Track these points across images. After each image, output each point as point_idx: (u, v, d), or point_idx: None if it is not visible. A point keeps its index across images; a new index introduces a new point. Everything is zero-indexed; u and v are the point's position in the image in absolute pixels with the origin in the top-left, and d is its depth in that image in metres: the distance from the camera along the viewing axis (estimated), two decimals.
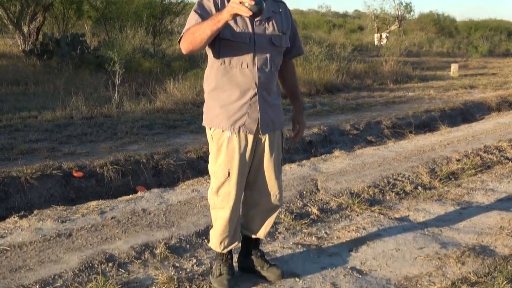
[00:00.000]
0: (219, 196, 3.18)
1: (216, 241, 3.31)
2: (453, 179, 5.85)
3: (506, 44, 31.95)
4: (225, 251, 3.33)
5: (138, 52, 13.80)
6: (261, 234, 3.42)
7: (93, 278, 3.39)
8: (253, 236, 3.43)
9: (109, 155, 6.22)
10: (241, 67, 3.02)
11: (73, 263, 3.61)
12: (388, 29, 32.52)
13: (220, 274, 3.30)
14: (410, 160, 6.50)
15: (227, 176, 3.12)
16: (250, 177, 3.25)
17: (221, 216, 3.22)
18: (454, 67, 18.34)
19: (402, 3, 33.48)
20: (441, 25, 37.50)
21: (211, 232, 3.35)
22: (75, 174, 5.64)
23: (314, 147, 7.75)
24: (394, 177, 5.75)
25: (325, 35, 27.37)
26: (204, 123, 3.20)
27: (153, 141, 7.28)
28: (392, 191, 5.30)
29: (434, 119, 9.93)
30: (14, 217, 4.58)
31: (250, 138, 3.11)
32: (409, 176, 5.82)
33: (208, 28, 2.76)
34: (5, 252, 3.80)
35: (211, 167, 3.20)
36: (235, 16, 2.69)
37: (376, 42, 29.50)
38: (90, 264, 3.60)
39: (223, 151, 3.10)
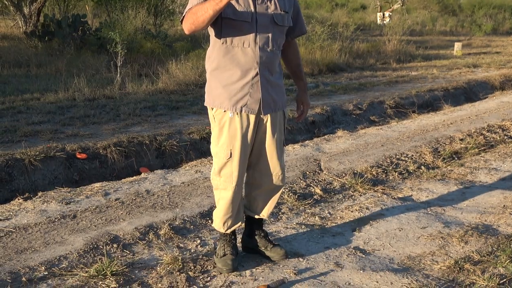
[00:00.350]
0: (222, 177, 3.18)
1: (219, 222, 3.32)
2: (456, 158, 5.85)
3: (510, 22, 31.73)
4: (228, 231, 3.35)
5: (139, 33, 13.75)
6: (264, 214, 3.43)
7: (98, 259, 3.42)
8: (256, 217, 3.44)
9: (112, 137, 6.23)
10: (242, 47, 3.01)
11: (78, 245, 3.63)
12: (391, 7, 32.29)
13: (224, 255, 3.32)
14: (413, 140, 6.49)
15: (229, 156, 3.12)
16: (252, 157, 3.25)
17: (224, 197, 3.23)
18: (457, 45, 18.25)
19: None
20: (445, 3, 37.19)
21: (214, 212, 3.36)
22: (78, 156, 5.65)
23: (317, 127, 7.74)
24: (397, 157, 5.75)
25: (328, 14, 27.21)
26: (206, 103, 3.20)
27: (156, 122, 7.29)
28: (395, 171, 5.31)
29: (437, 98, 9.91)
30: (18, 199, 4.60)
31: (252, 118, 3.10)
32: (412, 155, 5.82)
33: (210, 8, 2.74)
34: (10, 233, 3.83)
35: (213, 147, 3.20)
36: None
37: (379, 21, 29.31)
38: (95, 245, 3.62)
39: (225, 132, 3.10)
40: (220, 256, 3.33)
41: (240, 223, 3.37)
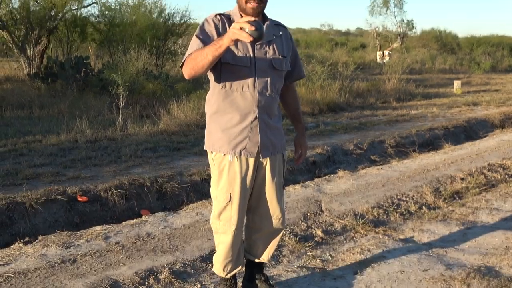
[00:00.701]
0: (221, 220, 3.18)
1: (219, 266, 3.31)
2: (457, 198, 5.85)
3: (508, 59, 31.99)
4: (228, 275, 3.33)
5: (141, 74, 13.89)
6: (264, 258, 3.42)
7: None
8: (257, 260, 3.43)
9: (113, 179, 6.24)
10: (241, 91, 3.04)
11: None
12: (390, 46, 32.64)
13: None
14: (414, 180, 6.50)
15: (228, 200, 3.13)
16: (252, 201, 3.26)
17: (224, 241, 3.22)
18: (457, 84, 18.37)
19: (404, 21, 33.58)
20: (443, 42, 37.61)
21: (214, 257, 3.35)
22: (79, 199, 5.66)
23: (317, 167, 7.75)
24: (398, 197, 5.75)
25: (328, 53, 27.49)
26: (205, 147, 3.22)
27: (157, 163, 7.30)
28: (396, 212, 5.30)
29: (437, 137, 9.94)
30: (18, 243, 4.59)
31: (251, 162, 3.12)
32: (413, 196, 5.81)
33: (210, 54, 2.79)
34: (9, 279, 3.81)
35: (213, 191, 3.22)
36: (236, 42, 2.71)
37: (378, 60, 29.61)
38: None
39: (225, 175, 3.12)
40: None
41: (240, 267, 3.35)
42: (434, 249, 4.35)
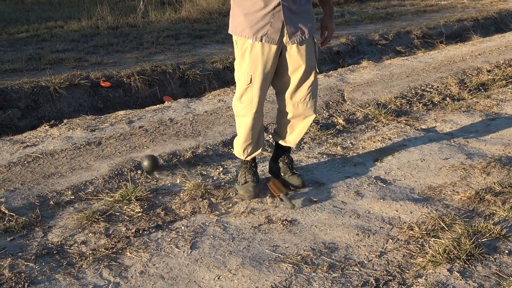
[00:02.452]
0: (242, 103, 3.19)
1: (239, 149, 3.35)
2: (482, 90, 5.76)
3: None
4: (248, 158, 3.38)
5: None
6: (291, 142, 3.44)
7: (122, 185, 3.49)
8: (283, 144, 3.46)
9: (135, 65, 6.24)
10: None
11: (103, 170, 3.71)
12: None
13: (246, 182, 3.36)
14: (439, 71, 6.39)
15: (249, 82, 3.11)
16: (280, 84, 3.24)
17: (244, 124, 3.24)
18: None
19: None
20: None
21: (235, 140, 3.39)
22: (102, 84, 5.69)
23: (341, 57, 7.64)
24: (423, 87, 5.68)
25: None
26: (229, 31, 3.17)
27: (179, 51, 7.26)
28: (419, 102, 5.25)
29: (466, 29, 9.65)
30: (44, 126, 4.68)
31: (274, 47, 3.07)
32: (438, 87, 5.74)
33: None
34: (37, 159, 3.92)
35: (236, 73, 3.20)
36: None
37: None
38: (120, 171, 3.69)
39: (247, 57, 3.09)
40: (241, 183, 3.38)
41: (260, 150, 3.39)
42: (456, 139, 4.34)
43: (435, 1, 12.79)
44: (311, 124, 3.45)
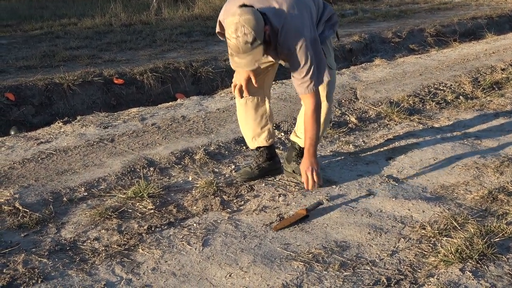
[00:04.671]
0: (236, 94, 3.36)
1: (247, 140, 3.59)
2: (496, 88, 5.71)
3: None
4: (255, 146, 3.55)
5: None
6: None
7: (135, 182, 3.51)
8: (301, 145, 3.47)
9: (148, 63, 6.26)
10: None
11: (116, 167, 3.73)
12: None
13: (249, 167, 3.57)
14: (452, 69, 6.35)
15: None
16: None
17: (239, 114, 3.51)
18: None
19: None
20: None
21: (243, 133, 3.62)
22: (115, 81, 5.72)
23: (354, 55, 7.63)
24: (436, 86, 5.65)
25: None
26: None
27: (191, 48, 7.28)
28: (432, 101, 5.22)
29: (480, 26, 9.58)
30: (58, 123, 4.72)
31: None
32: (451, 85, 5.70)
33: None
34: (51, 155, 3.95)
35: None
36: None
37: None
38: (132, 169, 3.71)
39: None
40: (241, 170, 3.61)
41: (266, 139, 3.51)
42: (469, 137, 4.31)
43: None
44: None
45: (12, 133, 4.44)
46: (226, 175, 3.66)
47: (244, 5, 2.86)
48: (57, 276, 2.56)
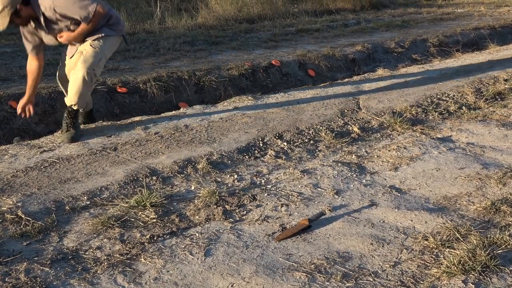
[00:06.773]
0: None
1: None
2: (499, 99, 5.71)
3: None
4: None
5: None
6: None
7: (138, 191, 3.52)
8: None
9: (151, 71, 6.27)
10: None
11: (119, 176, 3.74)
12: None
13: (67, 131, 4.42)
14: (455, 80, 6.34)
15: None
16: None
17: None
18: None
19: None
20: None
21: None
22: (119, 90, 5.73)
23: (357, 65, 7.63)
24: (438, 96, 5.65)
25: None
26: None
27: (195, 57, 7.29)
28: (435, 111, 5.22)
29: (483, 37, 9.58)
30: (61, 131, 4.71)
31: None
32: (454, 95, 5.70)
33: None
34: (54, 164, 3.96)
35: None
36: None
37: None
38: (135, 177, 3.72)
39: None
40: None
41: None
42: (472, 148, 4.31)
43: (452, 9, 12.73)
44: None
45: (15, 143, 4.47)
46: (229, 185, 3.66)
47: None
48: (59, 285, 2.56)
